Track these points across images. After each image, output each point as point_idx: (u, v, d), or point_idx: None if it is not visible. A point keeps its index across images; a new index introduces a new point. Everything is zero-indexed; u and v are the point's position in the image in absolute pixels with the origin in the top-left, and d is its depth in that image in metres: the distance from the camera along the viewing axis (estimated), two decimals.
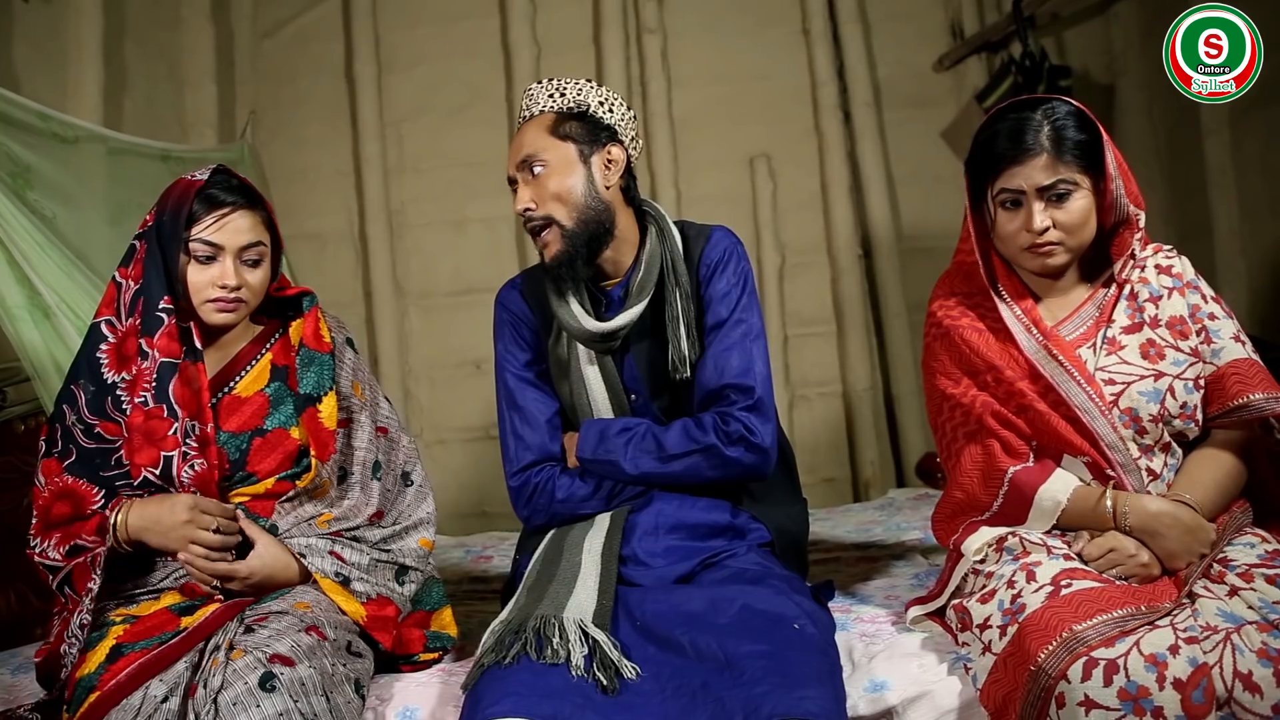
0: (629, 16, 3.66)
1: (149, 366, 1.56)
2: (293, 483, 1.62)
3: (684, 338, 1.69)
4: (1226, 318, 1.57)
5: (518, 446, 1.77)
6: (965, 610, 1.47)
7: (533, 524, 1.77)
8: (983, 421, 1.57)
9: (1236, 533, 1.50)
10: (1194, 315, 1.56)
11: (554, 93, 1.72)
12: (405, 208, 3.72)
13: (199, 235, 1.57)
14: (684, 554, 1.64)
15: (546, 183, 1.67)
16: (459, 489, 3.59)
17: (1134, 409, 1.52)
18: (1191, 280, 1.59)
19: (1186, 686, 1.22)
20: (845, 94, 3.64)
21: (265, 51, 3.76)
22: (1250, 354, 1.54)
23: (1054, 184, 1.50)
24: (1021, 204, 1.53)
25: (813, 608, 1.52)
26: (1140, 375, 1.53)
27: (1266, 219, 2.92)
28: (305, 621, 1.45)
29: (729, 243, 1.76)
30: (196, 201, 1.57)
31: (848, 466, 3.62)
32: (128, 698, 1.36)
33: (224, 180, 1.61)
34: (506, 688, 1.32)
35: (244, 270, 1.59)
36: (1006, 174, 1.53)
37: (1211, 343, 1.54)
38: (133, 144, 2.80)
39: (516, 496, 1.76)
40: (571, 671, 1.35)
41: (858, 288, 3.62)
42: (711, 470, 1.66)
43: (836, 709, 1.31)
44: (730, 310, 1.70)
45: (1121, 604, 1.34)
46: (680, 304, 1.69)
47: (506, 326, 1.83)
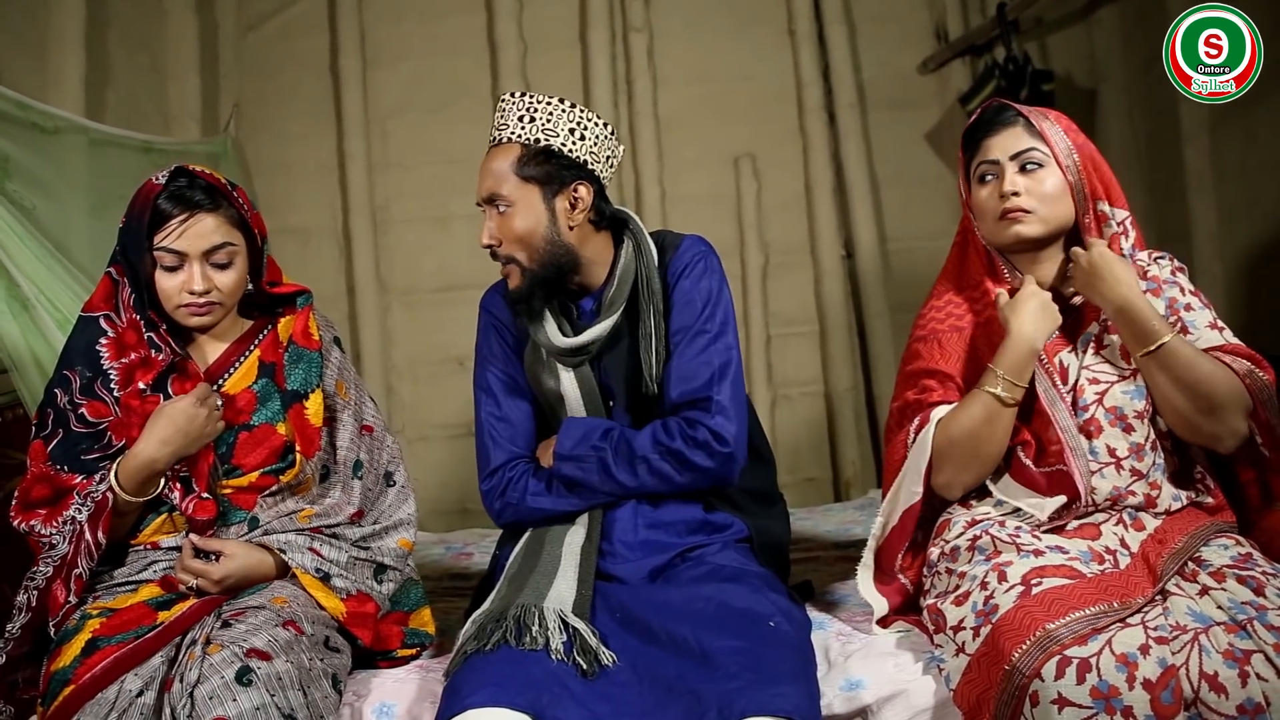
0: (615, 15, 3.65)
1: (162, 359, 1.58)
2: (276, 477, 1.62)
3: (654, 354, 1.68)
4: (1204, 308, 1.60)
5: (493, 448, 1.76)
6: (939, 612, 1.48)
7: (504, 520, 1.76)
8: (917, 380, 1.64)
9: (1216, 535, 1.51)
10: (1172, 308, 1.59)
11: (524, 115, 1.67)
12: (389, 203, 3.70)
13: (161, 244, 1.54)
14: (660, 548, 1.65)
15: (510, 223, 1.67)
16: (440, 486, 3.58)
17: (1119, 407, 1.54)
18: (1168, 279, 1.62)
19: (1156, 687, 1.24)
20: (830, 95, 3.65)
21: (249, 45, 3.73)
22: (1230, 339, 1.57)
23: (1027, 150, 1.59)
24: (997, 176, 1.60)
25: (789, 606, 1.53)
26: (1121, 375, 1.56)
27: (1244, 223, 2.95)
28: (283, 616, 1.45)
29: (697, 250, 1.74)
30: (156, 207, 1.54)
31: (829, 466, 3.63)
32: (103, 691, 1.36)
33: (185, 183, 1.56)
34: (485, 677, 1.33)
35: (213, 273, 1.57)
36: (984, 147, 1.62)
37: (1189, 332, 1.56)
38: (114, 135, 2.78)
39: (489, 496, 1.75)
40: (551, 657, 1.37)
41: (840, 288, 3.63)
42: (679, 474, 1.64)
43: (810, 707, 1.32)
44: (695, 318, 1.69)
45: (1094, 601, 1.36)
46: (653, 320, 1.69)
47: (490, 331, 1.82)
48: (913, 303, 1.83)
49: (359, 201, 3.66)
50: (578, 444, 1.68)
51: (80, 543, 1.49)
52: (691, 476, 1.65)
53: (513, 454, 1.76)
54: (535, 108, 1.67)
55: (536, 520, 1.71)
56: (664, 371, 1.68)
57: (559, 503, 1.70)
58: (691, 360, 1.66)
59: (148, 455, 1.52)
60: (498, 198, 1.67)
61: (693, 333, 1.68)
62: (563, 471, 1.69)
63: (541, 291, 1.69)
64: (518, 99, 1.69)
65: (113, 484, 1.51)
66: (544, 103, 1.67)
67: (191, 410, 1.53)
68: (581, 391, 1.73)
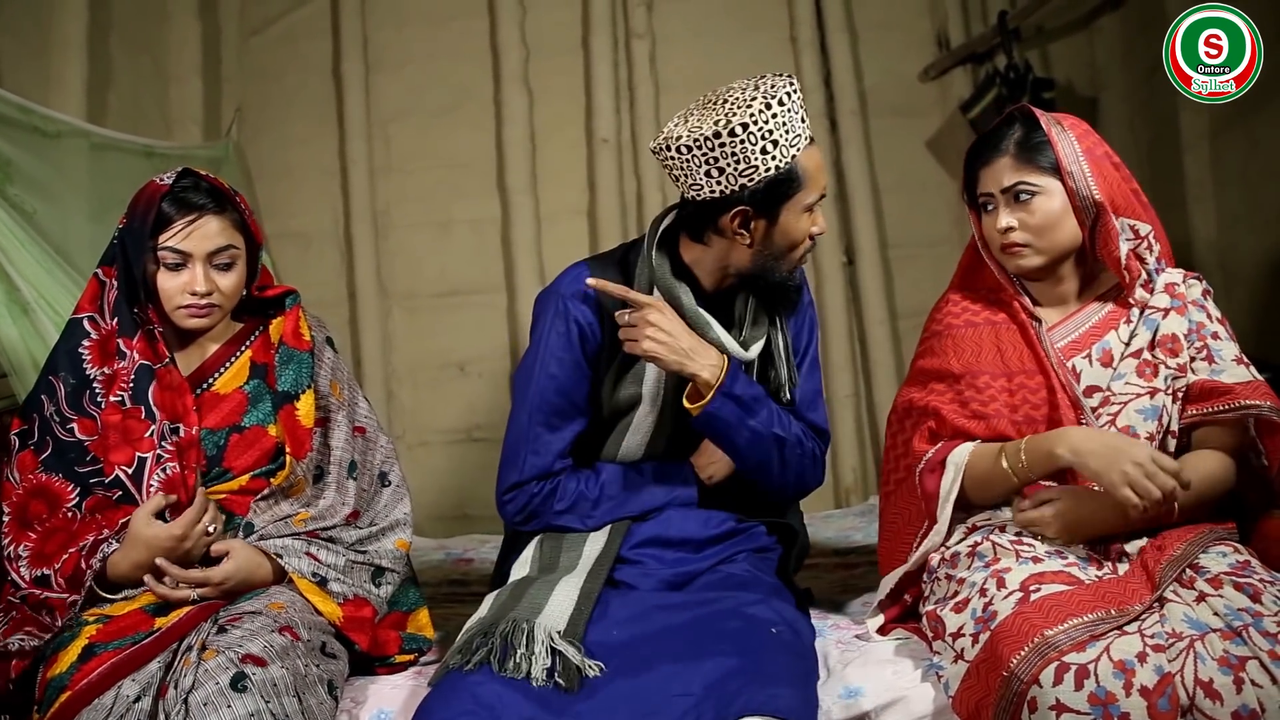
0: (618, 21, 3.66)
1: (126, 366, 1.55)
2: (267, 480, 1.61)
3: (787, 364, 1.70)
4: (1230, 340, 1.60)
5: (529, 455, 1.65)
6: (939, 619, 1.48)
7: (523, 529, 1.71)
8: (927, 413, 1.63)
9: (1215, 542, 1.51)
10: (1198, 331, 1.59)
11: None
12: (390, 208, 3.70)
13: (166, 243, 1.55)
14: (679, 561, 1.63)
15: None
16: (440, 491, 3.58)
17: (1131, 426, 1.55)
18: (1197, 300, 1.62)
19: (1152, 694, 1.24)
20: (831, 102, 3.65)
21: (252, 49, 3.74)
22: (1255, 375, 1.56)
23: (1014, 185, 1.58)
24: (995, 207, 1.61)
25: (794, 615, 1.53)
26: (1136, 394, 1.56)
27: (1244, 232, 2.95)
28: (279, 622, 1.44)
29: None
30: (162, 207, 1.55)
31: (829, 472, 3.58)
32: (99, 697, 1.35)
33: (191, 184, 1.58)
34: (457, 707, 1.30)
35: (215, 275, 1.58)
36: (980, 179, 1.63)
37: (1213, 362, 1.56)
38: (116, 139, 2.78)
39: (511, 503, 1.67)
40: (532, 684, 1.35)
41: (841, 294, 3.63)
42: (801, 454, 1.68)
43: (807, 711, 1.32)
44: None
45: (1092, 607, 1.35)
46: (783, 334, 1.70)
47: (571, 338, 1.64)
48: (914, 309, 1.84)
49: (360, 206, 3.66)
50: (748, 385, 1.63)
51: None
52: (802, 462, 1.69)
53: (546, 469, 1.66)
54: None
55: (558, 528, 1.68)
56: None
57: (582, 521, 1.67)
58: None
59: (124, 575, 1.52)
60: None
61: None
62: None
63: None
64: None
65: (93, 587, 1.51)
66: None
67: (171, 543, 1.50)
68: (664, 401, 1.66)
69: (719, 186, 1.52)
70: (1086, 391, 1.58)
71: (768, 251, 1.58)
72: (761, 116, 1.48)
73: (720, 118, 1.49)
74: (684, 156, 1.51)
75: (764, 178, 1.51)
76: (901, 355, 3.50)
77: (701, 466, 1.72)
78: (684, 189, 1.57)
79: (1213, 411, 1.54)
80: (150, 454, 1.55)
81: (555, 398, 1.65)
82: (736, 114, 1.48)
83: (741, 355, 1.62)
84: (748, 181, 1.51)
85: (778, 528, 1.74)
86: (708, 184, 1.52)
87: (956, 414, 1.61)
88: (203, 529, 1.53)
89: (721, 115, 1.49)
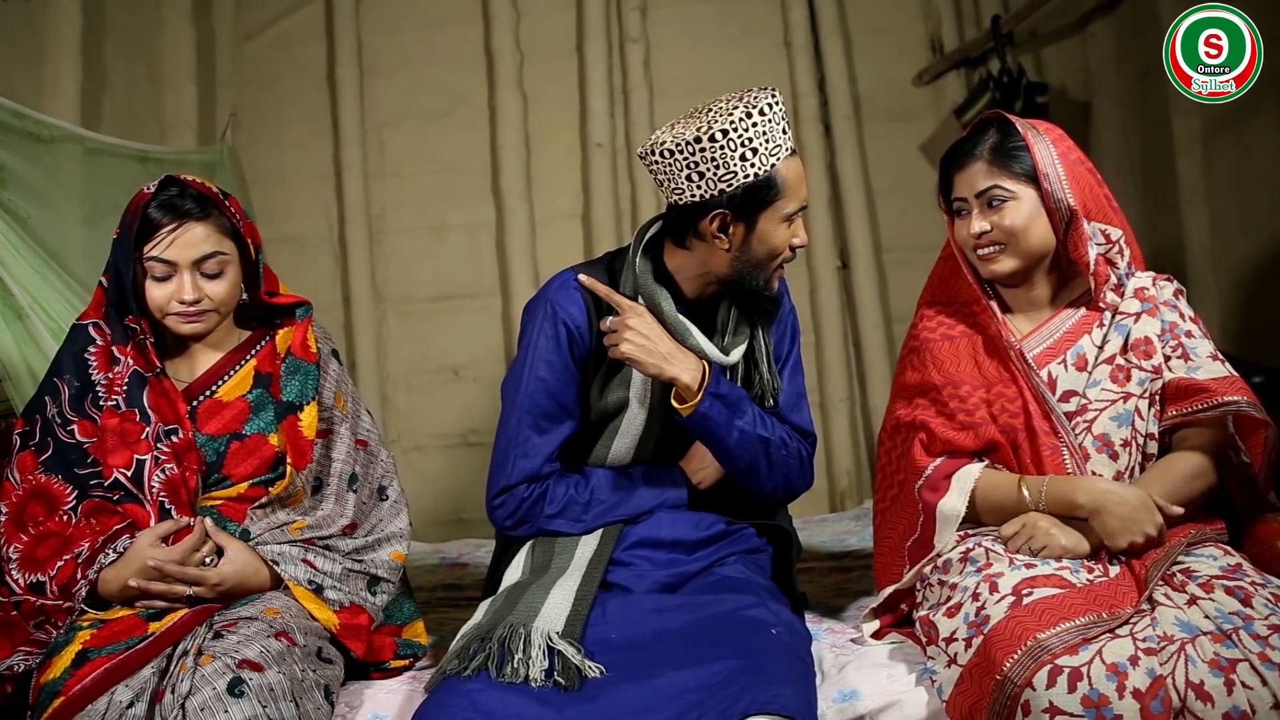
0: (612, 26, 3.66)
1: (121, 372, 1.56)
2: (266, 489, 1.61)
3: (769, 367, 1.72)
4: (1204, 338, 1.61)
5: (517, 459, 1.65)
6: (931, 624, 1.49)
7: (515, 534, 1.71)
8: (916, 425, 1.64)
9: (1204, 544, 1.52)
10: (1171, 331, 1.59)
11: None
12: (385, 213, 3.71)
13: (150, 254, 1.54)
14: (671, 563, 1.64)
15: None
16: (435, 496, 3.58)
17: (1106, 434, 1.56)
18: (1169, 300, 1.63)
19: (1145, 697, 1.24)
20: (826, 106, 3.67)
21: (247, 54, 3.74)
22: (1230, 371, 1.57)
23: (988, 189, 1.59)
24: (968, 212, 1.62)
25: (791, 618, 1.54)
26: (1110, 400, 1.57)
27: (1237, 236, 2.96)
28: (275, 627, 1.44)
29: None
30: (145, 216, 1.54)
31: (824, 476, 3.63)
32: (93, 703, 1.35)
33: (175, 191, 1.56)
34: (456, 714, 1.30)
35: (203, 282, 1.57)
36: (955, 184, 1.64)
37: (1189, 359, 1.57)
38: (110, 144, 2.79)
39: (501, 508, 1.67)
40: (532, 685, 1.35)
41: (835, 299, 3.64)
42: (786, 455, 1.69)
43: (807, 711, 1.33)
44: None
45: (1084, 611, 1.36)
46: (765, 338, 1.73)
47: (560, 340, 1.65)
48: (908, 314, 1.84)
49: (355, 211, 3.66)
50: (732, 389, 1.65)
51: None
52: (786, 462, 1.70)
53: (534, 472, 1.66)
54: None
55: (549, 531, 1.68)
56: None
57: (573, 525, 1.67)
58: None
59: (113, 594, 1.51)
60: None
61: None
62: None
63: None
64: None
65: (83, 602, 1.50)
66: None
67: (168, 567, 1.50)
68: (651, 404, 1.67)
69: (699, 190, 1.56)
70: (1063, 397, 1.59)
71: (746, 258, 1.61)
72: (742, 124, 1.52)
73: (703, 124, 1.54)
74: (667, 161, 1.56)
75: (743, 183, 1.55)
76: (896, 359, 3.51)
77: (692, 471, 1.73)
78: (667, 194, 1.61)
79: (1192, 411, 1.55)
80: (148, 456, 1.55)
81: (544, 400, 1.66)
82: (718, 121, 1.53)
83: (722, 360, 1.65)
84: (726, 186, 1.55)
85: (767, 529, 1.75)
86: (689, 188, 1.56)
87: (944, 426, 1.62)
88: (199, 559, 1.53)
89: (704, 122, 1.54)
